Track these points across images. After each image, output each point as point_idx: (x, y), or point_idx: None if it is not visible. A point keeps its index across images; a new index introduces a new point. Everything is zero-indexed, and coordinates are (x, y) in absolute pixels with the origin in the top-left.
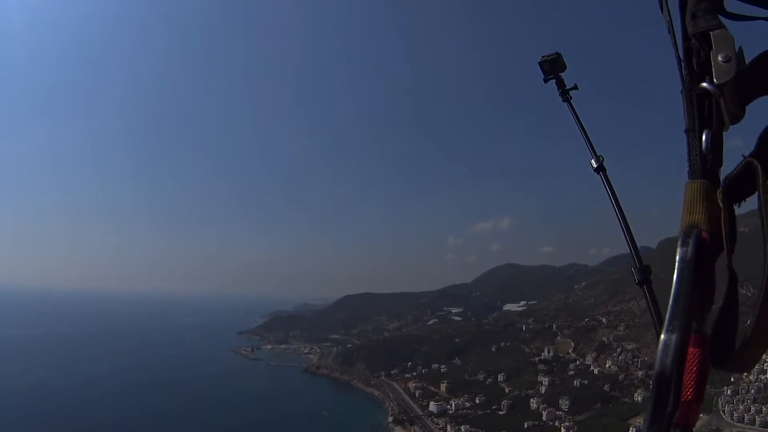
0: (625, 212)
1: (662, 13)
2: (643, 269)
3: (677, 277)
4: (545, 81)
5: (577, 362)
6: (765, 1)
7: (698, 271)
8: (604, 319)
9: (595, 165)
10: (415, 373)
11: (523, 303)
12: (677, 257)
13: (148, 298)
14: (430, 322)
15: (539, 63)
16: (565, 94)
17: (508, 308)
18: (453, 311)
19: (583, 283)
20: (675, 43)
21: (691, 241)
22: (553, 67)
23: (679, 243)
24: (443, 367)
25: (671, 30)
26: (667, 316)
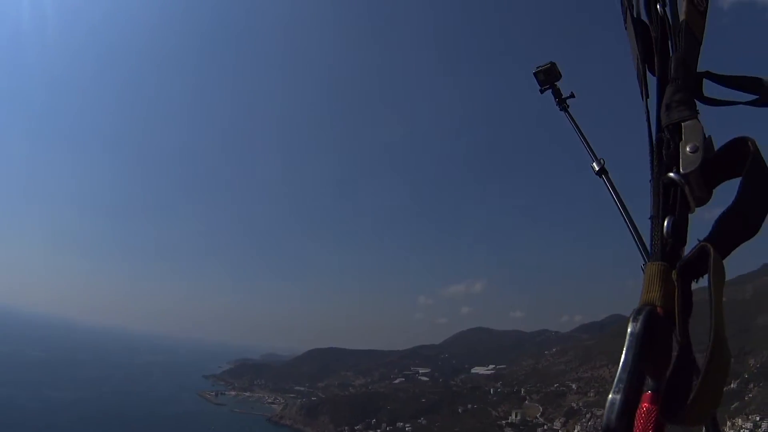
0: (630, 212)
1: (642, 100)
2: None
3: (625, 348)
4: (541, 92)
5: (545, 426)
6: (740, 85)
7: (647, 342)
8: (574, 385)
9: (597, 168)
10: (379, 430)
11: (491, 367)
12: (628, 330)
13: (115, 332)
14: (396, 381)
15: (534, 73)
16: (562, 103)
17: (477, 371)
18: (420, 371)
19: (554, 349)
20: (650, 134)
21: (641, 317)
22: (547, 76)
23: (630, 318)
24: (408, 426)
25: (648, 120)
26: (615, 379)
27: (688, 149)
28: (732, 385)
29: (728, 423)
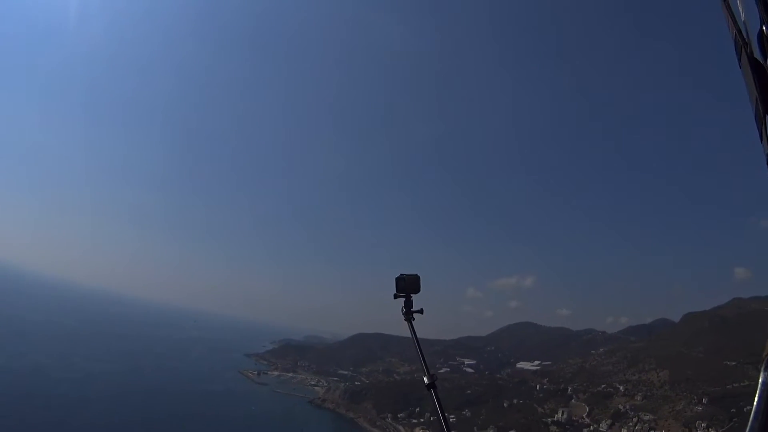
0: None
1: (762, 143)
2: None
3: (758, 398)
4: (395, 297)
5: (591, 427)
6: None
7: None
8: (621, 387)
9: (426, 381)
10: (422, 420)
11: (537, 362)
12: (760, 380)
13: (156, 306)
14: (442, 371)
15: (396, 278)
16: (409, 314)
17: (522, 366)
18: (466, 362)
19: (601, 350)
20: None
21: None
22: (408, 285)
23: (762, 367)
24: (452, 416)
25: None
26: (747, 429)
27: None
28: None
29: None
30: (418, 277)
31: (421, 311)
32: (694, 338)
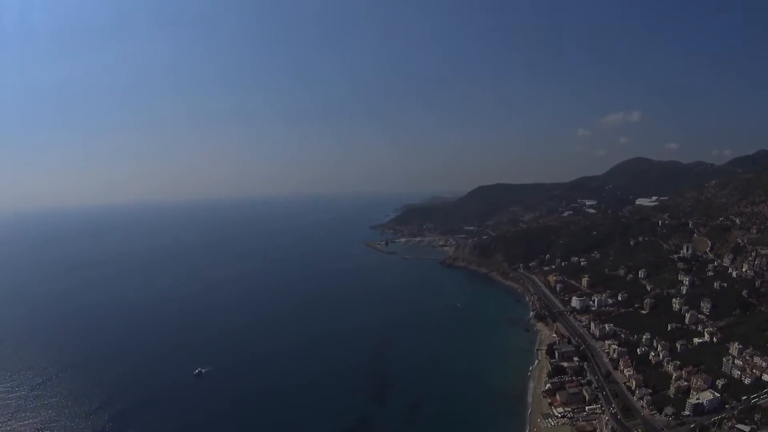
0: None
1: None
2: None
3: None
4: None
5: (716, 263)
6: None
7: None
8: (737, 220)
9: None
10: (554, 266)
11: (654, 198)
12: None
13: (279, 200)
14: (565, 214)
15: None
16: None
17: (641, 202)
18: (587, 203)
19: (713, 182)
20: None
21: None
22: None
23: None
24: (582, 260)
25: None
26: None
27: None
28: None
29: None
30: None
31: None
32: None
